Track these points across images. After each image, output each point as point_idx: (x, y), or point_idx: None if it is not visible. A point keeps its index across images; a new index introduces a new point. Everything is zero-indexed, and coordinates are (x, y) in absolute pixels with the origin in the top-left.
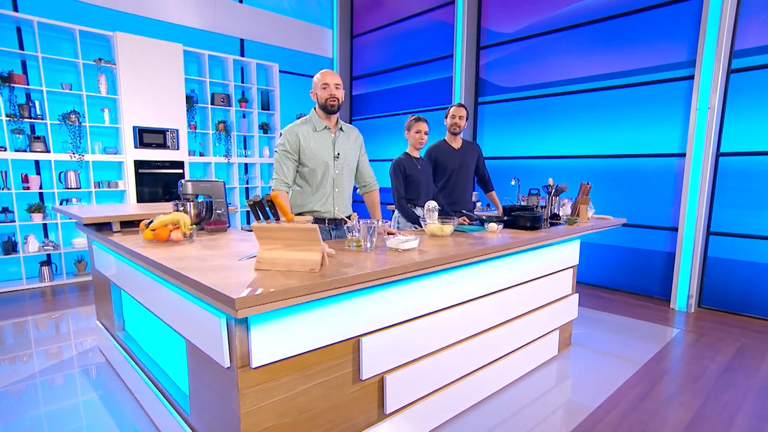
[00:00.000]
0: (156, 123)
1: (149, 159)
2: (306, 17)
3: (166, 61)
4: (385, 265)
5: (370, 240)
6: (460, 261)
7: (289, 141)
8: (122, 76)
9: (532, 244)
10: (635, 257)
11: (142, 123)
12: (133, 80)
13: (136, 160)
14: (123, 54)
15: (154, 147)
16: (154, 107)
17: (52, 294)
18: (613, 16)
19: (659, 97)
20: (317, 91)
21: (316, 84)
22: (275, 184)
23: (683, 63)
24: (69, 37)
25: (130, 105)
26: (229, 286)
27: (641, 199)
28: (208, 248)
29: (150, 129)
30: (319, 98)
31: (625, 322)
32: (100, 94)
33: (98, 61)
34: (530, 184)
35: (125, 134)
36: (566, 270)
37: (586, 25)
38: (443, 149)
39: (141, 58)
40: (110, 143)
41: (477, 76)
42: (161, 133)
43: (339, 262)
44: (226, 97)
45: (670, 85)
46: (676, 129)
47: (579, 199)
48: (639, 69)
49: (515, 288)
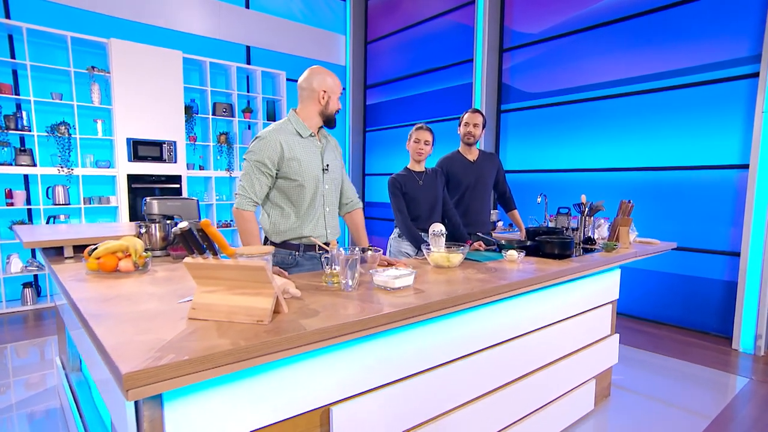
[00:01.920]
0: (152, 135)
1: (144, 173)
2: (317, 23)
3: (164, 68)
4: (366, 311)
5: (351, 276)
6: (468, 303)
7: (268, 150)
8: (116, 85)
9: (559, 278)
10: (687, 286)
11: (137, 135)
12: (128, 89)
13: (129, 174)
14: (118, 62)
15: (149, 160)
16: (151, 118)
17: (34, 318)
18: (655, 9)
19: (714, 99)
20: (332, 95)
21: (332, 88)
22: (240, 202)
23: (745, 59)
24: (61, 45)
25: (125, 115)
26: (132, 348)
27: (694, 219)
28: (156, 283)
29: (145, 141)
30: (329, 106)
31: (676, 366)
32: (92, 104)
33: (91, 69)
34: (559, 202)
35: (119, 146)
36: (604, 306)
37: (624, 21)
38: (456, 162)
39: (137, 66)
40: (103, 156)
41: (500, 81)
42: (157, 145)
43: (303, 308)
44: (228, 107)
45: (728, 85)
46: (736, 136)
47: (618, 219)
48: (688, 68)
49: (539, 332)
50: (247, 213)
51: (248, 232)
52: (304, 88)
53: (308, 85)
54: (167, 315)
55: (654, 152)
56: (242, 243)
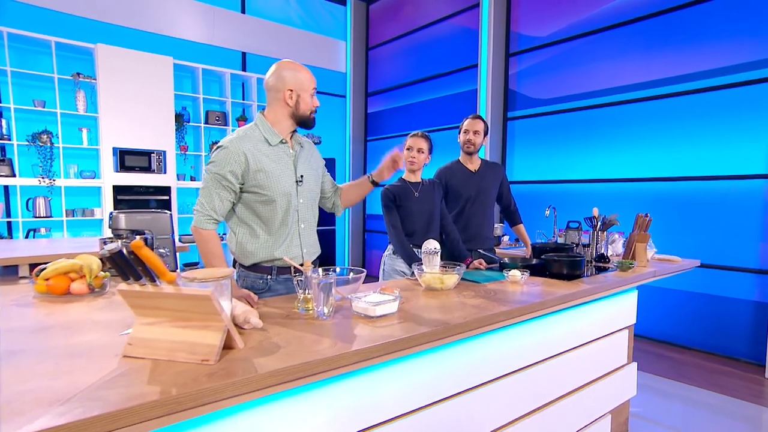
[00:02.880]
0: (140, 144)
1: (131, 184)
2: (316, 29)
3: (153, 75)
4: (337, 346)
5: (325, 301)
6: (459, 334)
7: (230, 162)
8: (103, 92)
9: (568, 303)
10: (713, 307)
11: (124, 144)
12: (115, 97)
13: (116, 186)
14: (104, 68)
15: (137, 170)
16: (139, 126)
17: None
18: (671, 9)
19: (737, 103)
20: (301, 93)
21: (301, 83)
22: (197, 220)
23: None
24: (44, 50)
25: (111, 124)
26: (31, 400)
27: (718, 234)
28: (110, 308)
29: (133, 150)
30: (299, 105)
31: (701, 397)
32: (77, 112)
33: (76, 75)
34: (570, 215)
35: (104, 156)
36: (619, 332)
37: (637, 22)
38: (456, 172)
39: (125, 73)
40: (87, 166)
41: (506, 87)
42: (146, 155)
43: (264, 342)
44: (222, 115)
45: (752, 88)
46: (762, 143)
47: (635, 235)
48: (708, 71)
49: (545, 363)
50: (206, 232)
51: (209, 253)
52: (269, 88)
53: (273, 83)
54: (101, 350)
55: (673, 161)
56: (205, 266)
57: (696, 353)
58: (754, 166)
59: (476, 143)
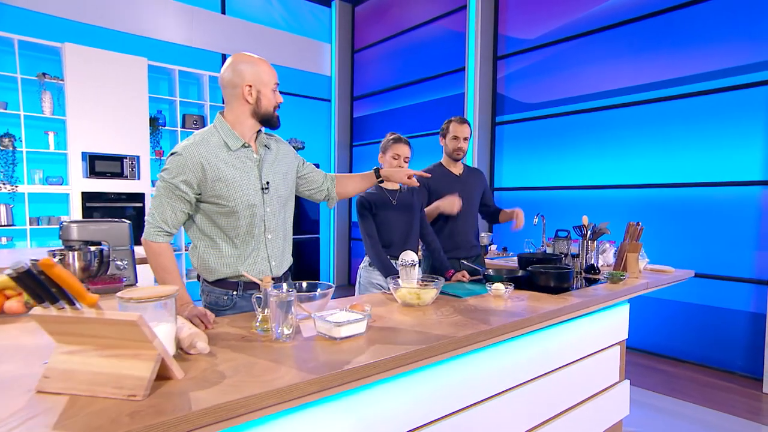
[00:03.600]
0: (112, 149)
1: (102, 190)
2: (300, 31)
3: (126, 77)
4: (290, 375)
5: (283, 321)
6: (430, 358)
7: (184, 171)
8: (71, 94)
9: (555, 319)
10: (707, 318)
11: (94, 148)
12: (84, 99)
13: (84, 192)
14: (73, 68)
15: (108, 176)
16: (110, 130)
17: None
18: (662, 11)
19: (731, 107)
20: (261, 88)
21: (260, 77)
22: (148, 232)
23: (763, 63)
24: (6, 49)
25: (80, 127)
26: None
27: (713, 242)
28: (40, 332)
29: (104, 155)
30: (261, 102)
31: (696, 413)
32: (42, 115)
33: (42, 76)
34: (559, 223)
35: (73, 161)
36: (610, 348)
37: (628, 24)
38: (440, 176)
39: (95, 74)
40: (54, 172)
41: (494, 91)
42: (118, 160)
43: (209, 370)
44: (200, 119)
45: (746, 92)
46: (757, 148)
47: (626, 245)
48: (700, 74)
49: (529, 384)
50: (156, 245)
51: (160, 267)
52: (225, 85)
53: (229, 79)
54: (14, 383)
55: (665, 167)
56: (158, 281)
57: (690, 366)
58: (749, 172)
59: (465, 150)
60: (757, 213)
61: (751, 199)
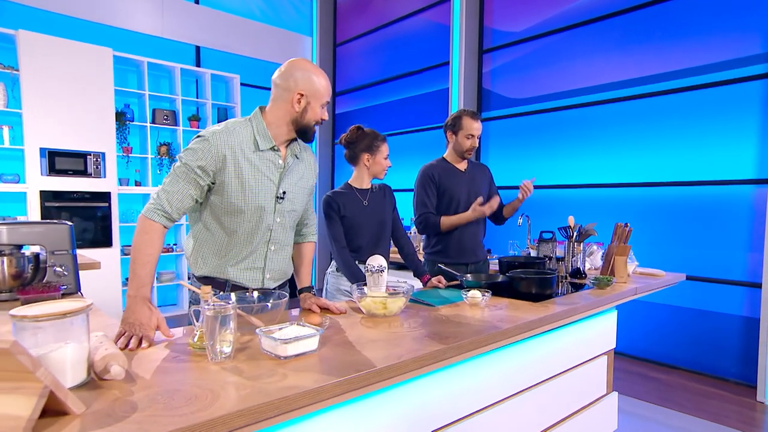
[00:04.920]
0: (74, 145)
1: (62, 189)
2: (279, 23)
3: (88, 68)
4: (216, 405)
5: (220, 339)
6: (389, 380)
7: (206, 157)
8: (27, 86)
9: (534, 330)
10: (699, 322)
11: (53, 144)
12: (42, 91)
13: (43, 191)
14: (28, 58)
15: (70, 174)
16: (72, 125)
17: None
18: (653, 2)
19: (724, 103)
20: (311, 101)
21: (315, 91)
22: (148, 208)
23: (757, 56)
24: None
25: (38, 121)
26: None
27: (705, 244)
28: None
29: (65, 152)
30: (305, 114)
31: (689, 424)
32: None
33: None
34: (544, 224)
35: (30, 158)
36: (597, 359)
37: (618, 16)
38: (448, 171)
39: (54, 64)
40: (9, 169)
41: (479, 86)
42: (81, 156)
43: (119, 401)
44: (171, 114)
45: (739, 87)
46: (751, 145)
47: (614, 247)
48: (692, 68)
49: (507, 402)
50: (149, 223)
51: (141, 247)
52: (278, 85)
53: (283, 81)
54: None
55: (655, 165)
56: (130, 263)
57: (681, 373)
58: (742, 170)
59: (476, 148)
60: (750, 213)
61: (744, 199)
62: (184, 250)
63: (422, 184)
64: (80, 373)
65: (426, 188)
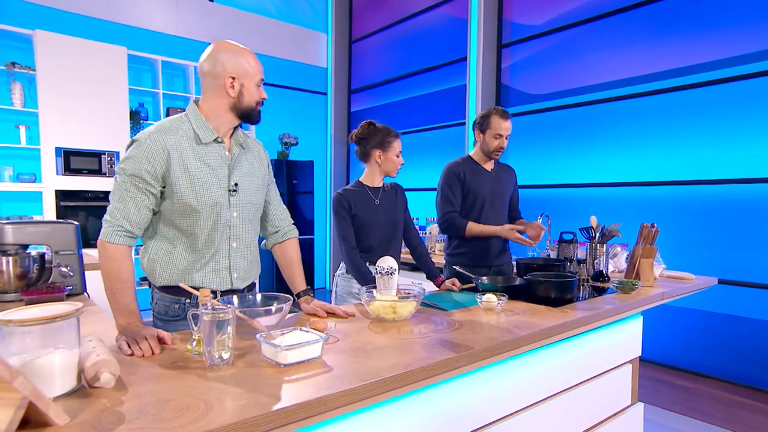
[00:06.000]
0: (89, 144)
1: (78, 189)
2: (294, 20)
3: (104, 67)
4: (205, 420)
5: (218, 345)
6: (396, 390)
7: (149, 159)
8: (43, 85)
9: (555, 336)
10: (731, 328)
11: (69, 144)
12: (58, 90)
13: (59, 191)
14: (45, 57)
15: (84, 174)
16: (87, 124)
17: None
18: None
19: (761, 95)
20: (245, 82)
21: (245, 70)
22: (105, 232)
23: None
24: None
25: (54, 121)
26: None
27: (739, 245)
28: None
29: (80, 151)
30: (243, 97)
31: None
32: (12, 107)
33: (11, 65)
34: (565, 224)
35: (46, 157)
36: (621, 368)
37: (644, 6)
38: (472, 171)
39: (69, 63)
40: (26, 169)
41: (498, 82)
42: (95, 156)
43: (107, 411)
44: None
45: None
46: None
47: (639, 249)
48: (727, 59)
49: (523, 413)
50: (114, 247)
51: (112, 275)
52: (206, 73)
53: (210, 68)
54: None
55: (683, 163)
56: (105, 291)
57: (711, 382)
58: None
59: (504, 149)
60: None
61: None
62: (141, 263)
63: (447, 181)
64: (70, 381)
65: (452, 186)
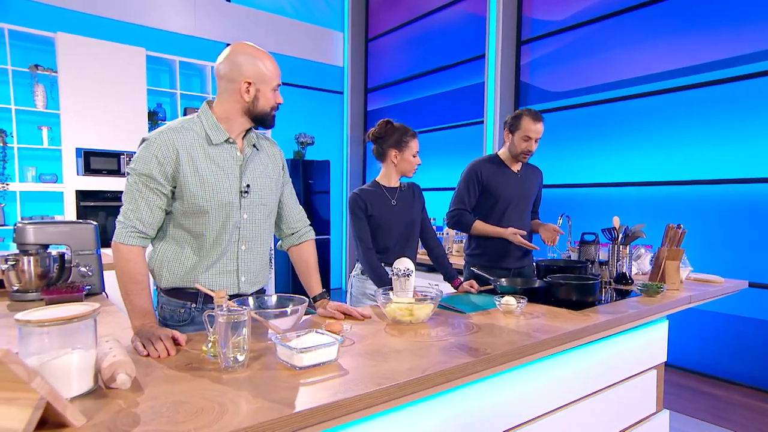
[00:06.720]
0: (108, 144)
1: (97, 189)
2: (311, 19)
3: (123, 68)
4: (220, 424)
5: (234, 346)
6: (412, 395)
7: (159, 159)
8: (65, 87)
9: (576, 341)
10: (762, 333)
11: (89, 144)
12: (79, 92)
13: (79, 191)
14: (66, 59)
15: (104, 174)
16: (106, 125)
17: None
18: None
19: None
20: (261, 87)
21: (262, 75)
22: (119, 233)
23: None
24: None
25: (75, 122)
26: None
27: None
28: None
29: (100, 152)
30: (257, 102)
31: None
32: (35, 109)
33: (34, 68)
34: (586, 225)
35: (67, 158)
36: (645, 373)
37: (668, 0)
38: (498, 172)
39: (90, 65)
40: (48, 169)
41: (517, 79)
42: (114, 156)
43: (123, 412)
44: None
45: None
46: None
47: (664, 251)
48: (756, 53)
49: (541, 420)
50: (127, 248)
51: (128, 277)
52: (222, 76)
53: (227, 71)
54: None
55: (712, 161)
56: (120, 293)
57: (739, 389)
58: None
59: (533, 152)
60: None
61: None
62: (148, 264)
63: (466, 180)
64: (87, 382)
65: (469, 185)
